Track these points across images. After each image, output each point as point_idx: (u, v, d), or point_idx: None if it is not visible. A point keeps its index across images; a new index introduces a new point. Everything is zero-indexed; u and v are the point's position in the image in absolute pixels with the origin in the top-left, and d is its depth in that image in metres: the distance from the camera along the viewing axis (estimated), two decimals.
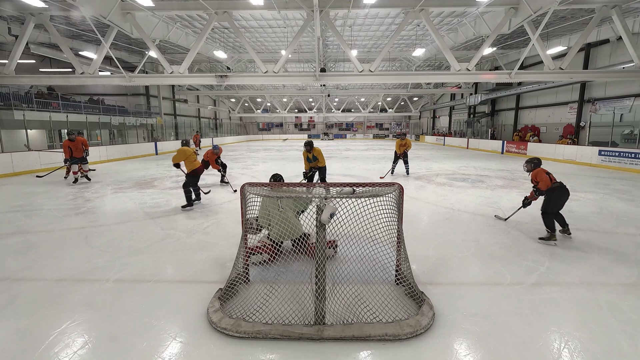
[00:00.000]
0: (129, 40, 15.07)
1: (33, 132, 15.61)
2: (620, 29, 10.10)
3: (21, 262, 3.69)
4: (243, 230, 2.95)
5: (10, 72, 10.93)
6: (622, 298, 2.87)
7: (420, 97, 35.04)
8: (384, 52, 11.10)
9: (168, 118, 25.26)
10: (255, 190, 2.82)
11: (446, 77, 12.10)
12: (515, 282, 3.18)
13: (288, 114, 36.79)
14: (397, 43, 17.49)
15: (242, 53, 18.89)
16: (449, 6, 10.62)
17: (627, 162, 11.07)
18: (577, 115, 15.37)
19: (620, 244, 4.19)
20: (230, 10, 10.44)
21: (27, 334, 2.39)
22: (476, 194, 7.25)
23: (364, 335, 2.30)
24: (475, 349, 2.23)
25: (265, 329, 2.34)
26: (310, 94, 31.93)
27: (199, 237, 4.51)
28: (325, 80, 12.18)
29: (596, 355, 2.15)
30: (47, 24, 10.39)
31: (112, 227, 4.98)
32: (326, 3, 9.99)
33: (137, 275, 3.34)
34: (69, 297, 2.91)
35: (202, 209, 6.02)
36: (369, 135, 43.49)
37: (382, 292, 2.86)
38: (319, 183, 3.09)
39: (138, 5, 9.89)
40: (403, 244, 2.94)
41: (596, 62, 14.41)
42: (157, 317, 2.59)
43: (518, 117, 20.28)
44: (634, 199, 6.71)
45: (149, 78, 13.25)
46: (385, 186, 2.82)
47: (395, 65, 22.12)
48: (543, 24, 9.51)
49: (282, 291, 2.84)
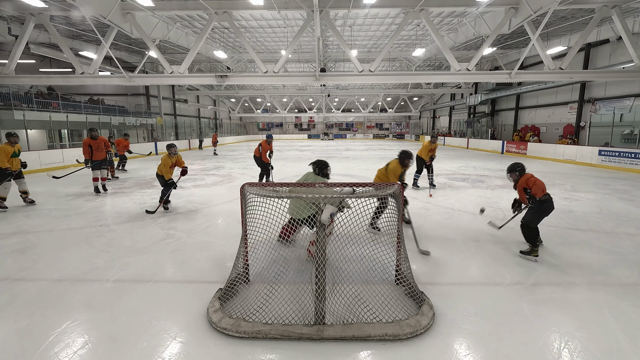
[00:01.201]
0: (129, 40, 15.07)
1: (33, 132, 15.61)
2: (620, 29, 10.11)
3: (21, 262, 3.69)
4: (243, 230, 2.95)
5: (10, 72, 10.93)
6: (622, 298, 2.87)
7: (420, 97, 35.04)
8: (384, 52, 11.10)
9: (168, 118, 25.26)
10: (255, 190, 2.82)
11: (446, 77, 12.10)
12: (515, 282, 3.18)
13: (288, 114, 36.80)
14: (397, 43, 17.49)
15: (242, 53, 18.89)
16: (449, 6, 10.62)
17: (627, 162, 11.07)
18: (577, 115, 15.37)
19: (620, 244, 4.19)
20: (230, 10, 10.45)
21: (27, 334, 2.39)
22: (476, 194, 7.25)
23: (364, 335, 2.30)
24: (475, 349, 2.23)
25: (265, 329, 2.34)
26: (310, 94, 31.94)
27: (199, 237, 4.51)
28: (325, 80, 12.19)
29: (596, 355, 2.15)
30: (47, 24, 10.39)
31: (112, 227, 4.98)
32: (326, 3, 10.00)
33: (137, 275, 3.34)
34: (69, 297, 2.91)
35: (202, 209, 6.02)
36: (369, 135, 43.48)
37: (382, 292, 2.86)
38: (319, 183, 3.08)
39: (138, 5, 9.90)
40: (403, 244, 2.94)
41: (596, 62, 14.41)
42: (157, 317, 2.59)
43: (518, 117, 20.28)
44: (634, 199, 6.71)
45: (149, 78, 13.25)
46: (385, 186, 2.82)
47: (395, 65, 22.12)
48: (543, 24, 9.51)
49: (282, 291, 2.84)
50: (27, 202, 6.38)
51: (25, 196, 6.37)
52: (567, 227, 4.88)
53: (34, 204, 6.35)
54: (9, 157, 5.92)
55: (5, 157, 5.87)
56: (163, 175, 5.74)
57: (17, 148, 6.10)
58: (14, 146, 6.03)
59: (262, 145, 7.72)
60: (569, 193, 7.32)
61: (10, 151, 5.94)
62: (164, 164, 5.72)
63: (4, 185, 5.92)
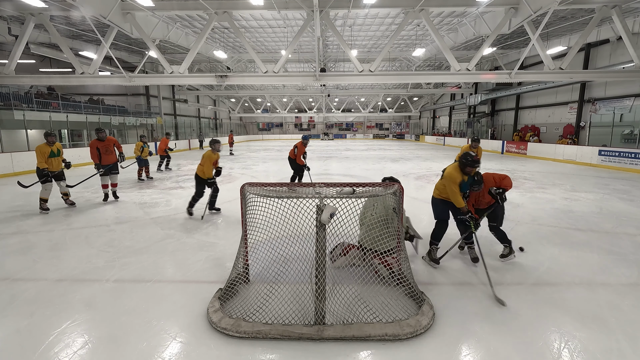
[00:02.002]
0: (129, 40, 15.07)
1: (33, 132, 15.60)
2: (620, 29, 10.10)
3: (21, 262, 3.69)
4: (243, 230, 2.95)
5: (10, 72, 10.93)
6: (622, 298, 2.87)
7: (420, 97, 35.03)
8: (384, 52, 11.10)
9: (168, 118, 25.26)
10: (255, 190, 2.82)
11: (446, 77, 12.10)
12: (515, 282, 3.18)
13: (288, 114, 36.80)
14: (397, 43, 17.48)
15: (242, 53, 18.90)
16: (449, 6, 10.62)
17: (627, 162, 11.07)
18: (577, 115, 15.38)
19: (620, 244, 4.19)
20: (230, 10, 10.45)
21: (27, 334, 2.39)
22: None
23: (364, 335, 2.30)
24: (475, 349, 2.23)
25: (265, 329, 2.34)
26: (310, 94, 31.94)
27: (199, 237, 4.50)
28: (325, 80, 12.19)
29: (596, 355, 2.15)
30: (47, 24, 10.39)
31: (112, 227, 4.98)
32: (326, 3, 10.00)
33: (137, 275, 3.34)
34: (69, 297, 2.91)
35: (202, 209, 6.02)
36: (369, 135, 43.50)
37: (382, 292, 2.86)
38: (319, 183, 3.06)
39: (138, 5, 9.89)
40: (403, 244, 2.94)
41: (596, 62, 14.41)
42: (157, 317, 2.59)
43: (518, 117, 20.28)
44: (634, 199, 6.71)
45: (149, 78, 13.25)
46: (385, 186, 2.82)
47: (395, 65, 22.12)
48: (543, 24, 9.51)
49: (282, 291, 2.84)
50: (68, 204, 6.23)
51: (67, 198, 6.20)
52: (567, 227, 4.88)
53: (74, 206, 6.19)
54: (46, 157, 5.71)
55: (42, 157, 5.66)
56: (205, 173, 5.36)
57: (56, 147, 5.87)
58: (52, 146, 5.81)
59: (298, 147, 7.33)
60: (569, 193, 7.32)
61: (48, 151, 5.72)
62: (209, 160, 5.33)
63: (45, 187, 5.74)
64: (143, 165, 9.36)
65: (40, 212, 5.73)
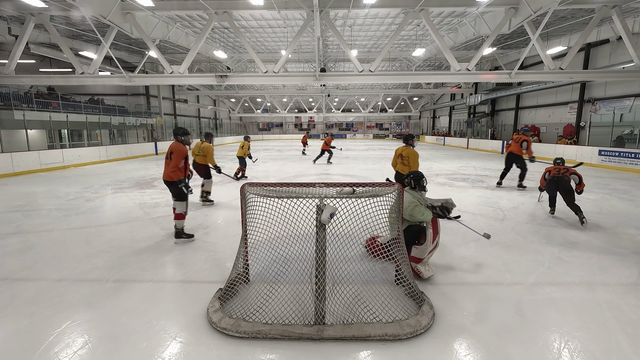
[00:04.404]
0: (129, 40, 15.07)
1: (33, 132, 15.61)
2: (620, 29, 10.11)
3: (21, 262, 3.69)
4: (243, 230, 2.94)
5: (10, 72, 10.94)
6: (622, 298, 2.87)
7: (420, 97, 35.04)
8: (384, 52, 11.10)
9: (168, 118, 25.27)
10: (255, 190, 2.82)
11: (446, 77, 12.11)
12: (515, 282, 3.18)
13: (288, 114, 36.81)
14: (397, 43, 17.49)
15: (242, 53, 18.90)
16: (449, 6, 10.62)
17: (627, 162, 11.07)
18: (577, 115, 15.38)
19: (620, 244, 4.19)
20: (230, 10, 10.45)
21: (27, 334, 2.39)
22: (476, 194, 7.25)
23: (364, 335, 2.30)
24: (475, 349, 2.23)
25: (265, 329, 2.34)
26: (310, 94, 31.94)
27: (199, 237, 4.50)
28: (325, 80, 12.19)
29: (596, 355, 2.15)
30: (47, 24, 10.39)
31: (112, 227, 4.98)
32: (326, 3, 10.00)
33: (137, 275, 3.34)
34: (69, 297, 2.91)
35: (202, 209, 6.02)
36: (369, 135, 43.47)
37: (382, 292, 2.86)
38: (319, 183, 3.05)
39: (138, 5, 9.90)
40: (403, 244, 2.94)
41: (596, 62, 14.41)
42: (157, 317, 2.59)
43: (518, 117, 20.28)
44: (634, 199, 6.71)
45: (149, 78, 13.25)
46: (385, 186, 2.82)
47: (395, 65, 22.13)
48: (543, 24, 9.51)
49: (282, 291, 2.84)
50: (207, 201, 6.47)
51: (207, 195, 6.53)
52: (567, 227, 4.88)
53: (212, 203, 6.43)
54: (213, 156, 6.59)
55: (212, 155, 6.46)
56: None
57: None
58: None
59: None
60: None
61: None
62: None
63: (210, 181, 6.52)
64: (245, 164, 9.46)
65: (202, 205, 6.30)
